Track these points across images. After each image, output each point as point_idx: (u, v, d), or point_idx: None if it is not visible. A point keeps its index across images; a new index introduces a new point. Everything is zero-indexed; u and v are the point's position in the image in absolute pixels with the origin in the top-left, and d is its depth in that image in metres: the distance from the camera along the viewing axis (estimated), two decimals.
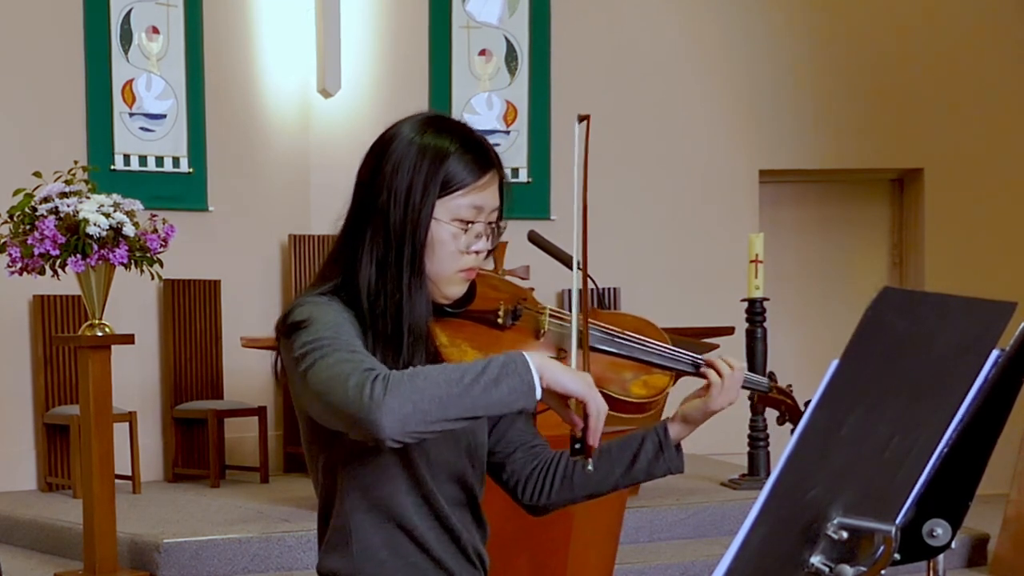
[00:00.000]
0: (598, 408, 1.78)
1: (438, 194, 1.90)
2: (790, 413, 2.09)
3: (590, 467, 1.82)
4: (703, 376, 2.03)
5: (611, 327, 2.04)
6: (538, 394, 1.72)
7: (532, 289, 2.15)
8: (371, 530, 1.96)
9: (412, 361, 1.89)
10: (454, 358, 1.92)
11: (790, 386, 2.09)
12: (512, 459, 2.13)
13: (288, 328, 1.86)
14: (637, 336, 2.05)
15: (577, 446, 1.82)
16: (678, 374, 2.05)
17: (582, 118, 1.95)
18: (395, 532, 1.97)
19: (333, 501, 1.99)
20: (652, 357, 2.03)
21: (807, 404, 1.95)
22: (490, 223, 1.97)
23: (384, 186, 1.91)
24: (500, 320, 2.00)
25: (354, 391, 1.69)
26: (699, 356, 2.05)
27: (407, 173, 1.90)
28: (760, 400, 2.09)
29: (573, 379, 1.76)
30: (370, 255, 1.91)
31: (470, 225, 1.94)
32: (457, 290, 1.97)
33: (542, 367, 1.74)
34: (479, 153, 1.95)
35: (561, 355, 1.97)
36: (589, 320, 2.01)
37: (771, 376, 2.11)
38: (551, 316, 2.04)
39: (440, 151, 1.91)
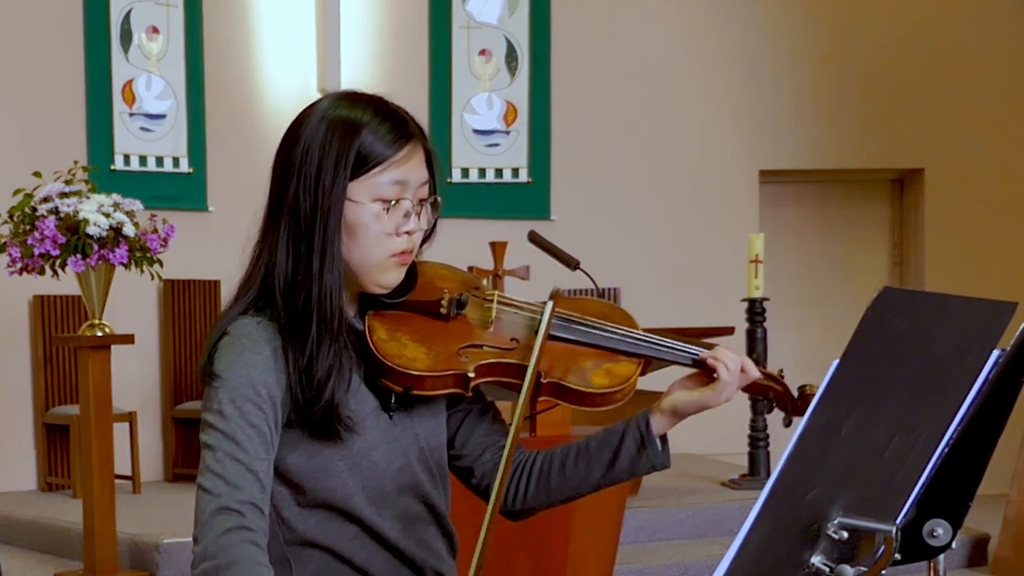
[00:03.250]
0: None
1: (354, 173, 1.73)
2: (778, 399, 1.94)
3: None
4: (695, 366, 1.86)
5: (569, 312, 1.87)
6: None
7: (488, 274, 2.01)
8: (308, 564, 1.80)
9: (320, 357, 1.73)
10: (393, 353, 1.77)
11: (781, 371, 1.95)
12: (481, 462, 1.93)
13: (206, 376, 1.74)
14: (598, 321, 1.88)
15: None
16: (647, 361, 1.88)
17: (553, 296, 1.80)
18: (334, 564, 1.80)
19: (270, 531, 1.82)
20: (616, 344, 1.86)
21: (800, 389, 1.93)
22: (421, 200, 1.78)
23: (294, 173, 1.75)
24: (444, 310, 1.82)
25: (199, 528, 1.64)
26: (694, 348, 1.88)
27: (316, 155, 1.74)
28: (747, 387, 1.91)
29: None
30: (285, 250, 1.75)
31: (395, 204, 1.75)
32: (392, 277, 1.78)
33: None
34: (396, 122, 1.76)
35: (513, 344, 1.82)
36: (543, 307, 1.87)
37: (757, 361, 1.91)
38: (500, 303, 1.86)
39: (351, 125, 1.74)
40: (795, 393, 1.95)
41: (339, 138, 1.74)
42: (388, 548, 1.82)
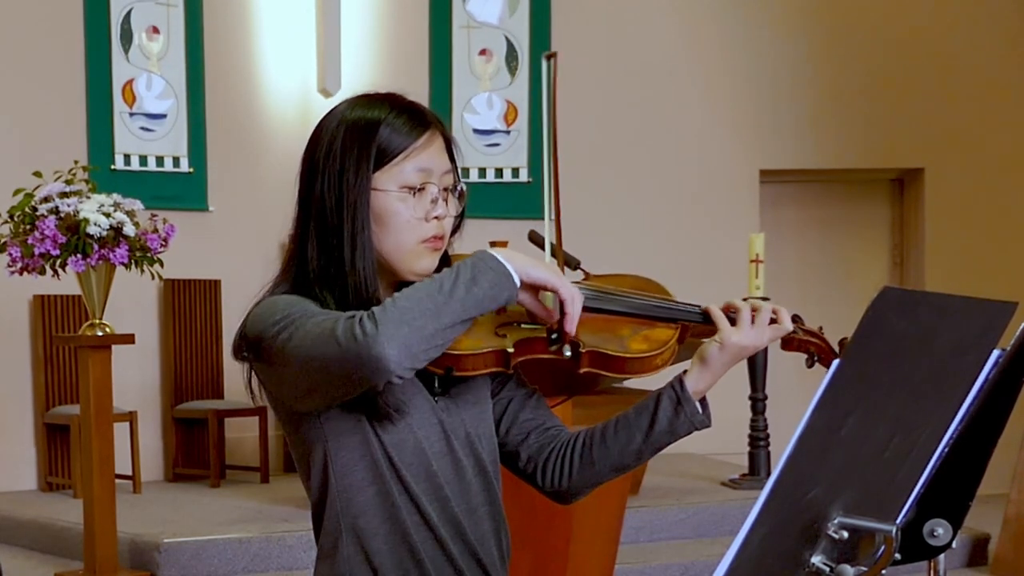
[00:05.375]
0: (571, 295, 1.73)
1: (376, 166, 1.80)
2: (820, 354, 1.94)
3: (567, 352, 1.78)
4: (713, 322, 1.89)
5: (601, 286, 1.93)
6: (517, 281, 1.69)
7: None
8: (361, 536, 1.84)
9: None
10: None
11: (821, 328, 1.96)
12: (527, 445, 1.97)
13: (240, 345, 1.82)
14: (631, 291, 1.93)
15: (554, 335, 1.78)
16: (684, 326, 1.91)
17: (549, 56, 1.93)
18: (388, 538, 1.84)
19: (324, 503, 1.88)
20: (649, 310, 1.90)
21: (841, 343, 1.93)
22: (447, 188, 1.86)
23: (319, 173, 1.82)
24: None
25: (346, 337, 1.62)
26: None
27: (339, 155, 1.81)
28: (785, 344, 1.94)
29: (541, 269, 1.73)
30: (316, 245, 1.83)
31: (421, 190, 1.83)
32: (426, 263, 1.85)
33: (510, 258, 1.70)
34: (412, 115, 1.85)
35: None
36: (578, 283, 1.91)
37: (796, 318, 1.94)
38: None
39: (370, 123, 1.82)
40: (835, 348, 1.95)
41: (359, 137, 1.81)
42: (436, 536, 1.85)
